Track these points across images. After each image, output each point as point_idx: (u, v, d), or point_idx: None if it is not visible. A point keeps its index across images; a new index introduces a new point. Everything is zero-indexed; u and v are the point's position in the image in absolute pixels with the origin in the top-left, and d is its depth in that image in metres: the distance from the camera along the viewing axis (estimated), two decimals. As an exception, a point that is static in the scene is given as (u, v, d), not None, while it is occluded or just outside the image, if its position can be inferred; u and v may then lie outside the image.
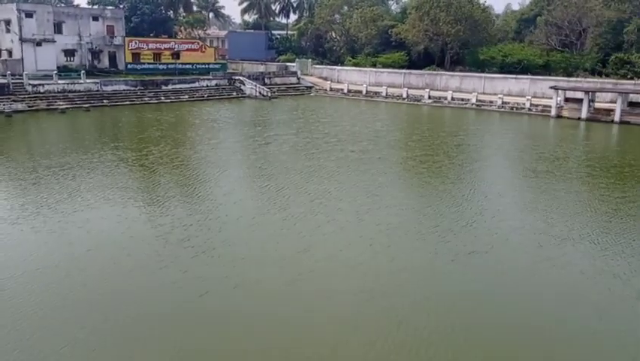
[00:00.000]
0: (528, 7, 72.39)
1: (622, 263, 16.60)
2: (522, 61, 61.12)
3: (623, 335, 12.86)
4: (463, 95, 58.81)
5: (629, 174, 28.45)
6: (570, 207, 22.47)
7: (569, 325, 13.35)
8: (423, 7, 66.35)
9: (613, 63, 56.43)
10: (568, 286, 15.37)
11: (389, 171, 27.99)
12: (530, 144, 37.34)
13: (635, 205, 22.63)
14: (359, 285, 15.15)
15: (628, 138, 41.30)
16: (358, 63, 72.06)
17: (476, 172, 28.76)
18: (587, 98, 49.92)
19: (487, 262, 16.88)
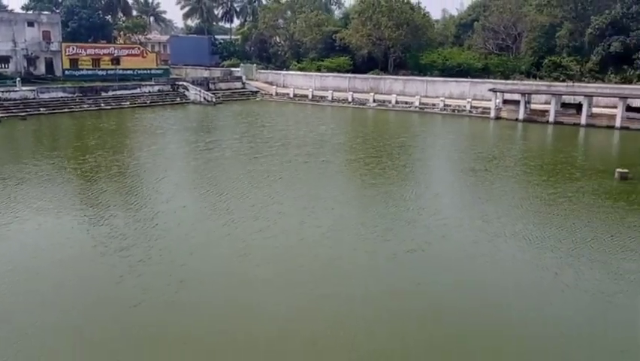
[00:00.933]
0: (466, 13, 74.59)
1: (551, 257, 17.25)
2: (462, 64, 62.84)
3: (551, 321, 13.35)
4: (407, 99, 59.89)
5: (559, 171, 29.63)
6: (505, 204, 23.23)
7: (502, 314, 13.77)
8: (365, 12, 67.28)
9: (547, 66, 58.77)
10: (501, 279, 15.90)
11: (333, 174, 28.17)
12: (470, 145, 38.42)
13: (564, 201, 23.59)
14: (299, 288, 15.16)
15: (561, 137, 43.08)
16: (303, 68, 72.30)
17: (417, 173, 29.35)
18: (524, 100, 51.79)
19: (424, 259, 17.24)
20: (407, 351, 12.29)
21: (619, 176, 27.09)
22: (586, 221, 20.75)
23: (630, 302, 14.33)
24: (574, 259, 17.06)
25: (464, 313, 13.81)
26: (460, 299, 14.57)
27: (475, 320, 13.53)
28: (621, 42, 52.64)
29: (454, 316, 13.71)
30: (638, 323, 13.29)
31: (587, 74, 56.69)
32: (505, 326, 13.35)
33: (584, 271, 16.17)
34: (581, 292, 14.89)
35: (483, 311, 13.93)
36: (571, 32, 58.66)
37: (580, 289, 15.07)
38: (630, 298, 14.59)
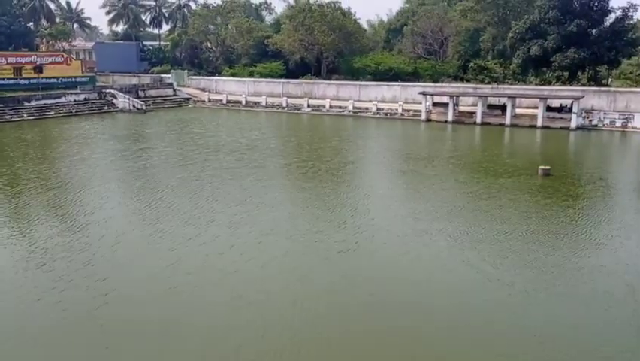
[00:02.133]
0: (395, 18, 76.34)
1: (475, 251, 17.74)
2: (393, 69, 64.14)
3: (474, 312, 13.70)
4: (341, 103, 60.46)
5: (486, 170, 30.66)
6: (434, 202, 23.73)
7: (428, 307, 13.98)
8: (297, 17, 67.55)
9: (472, 69, 60.95)
10: (428, 274, 16.19)
11: (265, 179, 27.89)
12: (401, 147, 39.19)
13: (490, 197, 24.40)
14: (230, 293, 14.84)
15: (487, 137, 44.71)
16: (236, 73, 71.65)
17: (350, 175, 29.56)
18: (452, 103, 53.42)
19: (355, 259, 17.31)
20: (339, 349, 12.24)
21: (542, 173, 28.31)
22: (510, 217, 21.48)
23: (547, 294, 14.86)
24: (496, 253, 17.61)
25: (393, 308, 13.93)
26: (389, 295, 14.73)
27: (404, 313, 13.67)
28: (540, 46, 55.31)
29: (383, 311, 13.83)
30: (555, 313, 13.81)
31: (510, 77, 59.26)
32: (431, 318, 13.55)
33: (505, 264, 16.68)
34: (503, 285, 15.34)
35: (411, 305, 14.10)
36: (494, 37, 61.19)
37: (501, 282, 15.52)
38: (548, 289, 15.14)
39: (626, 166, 34.66)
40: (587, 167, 32.76)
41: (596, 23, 55.55)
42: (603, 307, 13.96)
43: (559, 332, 12.84)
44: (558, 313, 13.73)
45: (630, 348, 12.14)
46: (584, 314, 13.71)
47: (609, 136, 45.68)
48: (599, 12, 55.30)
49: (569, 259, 17.13)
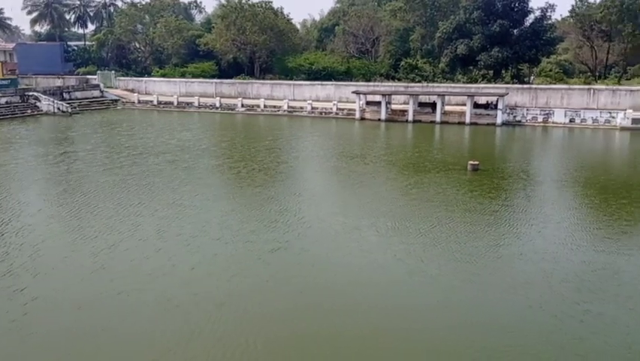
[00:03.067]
0: (327, 18, 76.84)
1: (403, 245, 18.09)
2: (326, 68, 64.50)
3: (403, 306, 13.92)
4: (275, 103, 60.24)
5: (418, 166, 31.36)
6: (365, 198, 24.03)
7: (355, 303, 14.06)
8: (228, 16, 66.71)
9: (403, 68, 62.21)
10: (356, 270, 16.31)
11: (195, 180, 27.33)
12: (335, 145, 39.45)
13: (421, 192, 24.98)
14: (156, 298, 14.41)
15: (419, 134, 45.77)
16: (166, 74, 69.92)
17: (283, 174, 29.43)
18: (385, 101, 54.35)
19: (285, 258, 17.24)
20: (266, 350, 12.11)
21: (471, 168, 29.24)
22: (438, 211, 22.01)
23: (470, 284, 15.31)
24: (423, 246, 17.98)
25: (323, 306, 13.95)
26: (320, 292, 14.75)
27: (334, 311, 13.70)
28: (466, 45, 57.18)
29: (313, 309, 13.83)
30: (477, 301, 14.24)
31: (439, 75, 60.90)
32: (361, 315, 13.65)
33: (431, 257, 17.06)
34: (429, 277, 15.68)
35: (341, 302, 14.16)
36: (422, 36, 62.72)
37: (427, 274, 15.86)
38: (471, 279, 15.61)
39: (547, 159, 36.38)
40: (512, 161, 34.12)
41: (517, 23, 58.05)
42: (521, 294, 14.51)
43: (482, 320, 13.26)
44: (480, 302, 14.17)
45: (545, 330, 12.68)
46: (503, 301, 14.20)
47: (532, 131, 47.83)
48: (520, 13, 57.81)
49: (491, 249, 17.75)
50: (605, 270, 15.87)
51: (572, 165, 32.69)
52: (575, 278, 15.33)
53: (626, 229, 19.97)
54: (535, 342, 12.16)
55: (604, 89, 53.52)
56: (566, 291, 14.57)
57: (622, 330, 12.55)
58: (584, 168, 31.78)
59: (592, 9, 58.88)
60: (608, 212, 22.33)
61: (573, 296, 14.28)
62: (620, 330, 12.55)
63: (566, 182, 28.08)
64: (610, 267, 16.09)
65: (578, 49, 64.67)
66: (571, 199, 25.00)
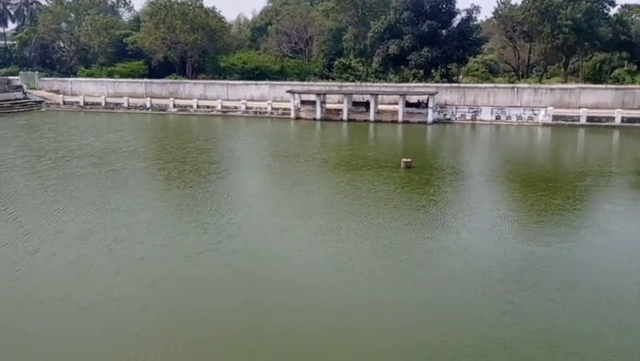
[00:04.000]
0: (259, 17, 76.43)
1: (334, 243, 18.09)
2: (260, 67, 64.15)
3: (333, 305, 13.89)
4: (209, 103, 59.27)
5: (352, 164, 31.52)
6: (296, 198, 23.94)
7: (285, 303, 13.91)
8: (158, 14, 65.07)
9: (337, 68, 62.77)
10: (287, 270, 16.15)
11: (121, 183, 26.34)
12: (270, 145, 39.20)
13: (355, 190, 25.10)
14: (76, 306, 13.72)
15: (354, 133, 46.21)
16: (93, 74, 67.39)
17: (214, 175, 28.86)
18: (319, 101, 54.58)
19: (214, 260, 16.85)
20: (186, 354, 11.77)
21: (404, 165, 29.73)
22: (370, 209, 22.11)
23: (398, 278, 15.48)
24: (354, 244, 18.03)
25: (251, 307, 13.71)
26: (248, 294, 14.48)
27: (261, 312, 13.49)
28: (397, 45, 58.36)
29: (240, 310, 13.56)
30: (406, 298, 14.41)
31: (372, 75, 61.90)
32: (290, 315, 13.51)
33: (361, 255, 17.07)
34: (359, 275, 15.71)
35: (270, 303, 13.97)
36: (355, 36, 63.52)
37: (357, 272, 15.88)
38: (399, 275, 15.78)
39: (475, 155, 37.62)
40: (443, 158, 35.04)
41: (445, 24, 59.85)
42: (447, 287, 14.81)
43: (410, 315, 13.43)
44: (408, 297, 14.35)
45: (469, 322, 13.00)
46: (430, 295, 14.44)
47: (461, 128, 49.37)
48: (447, 14, 59.64)
49: (419, 244, 18.04)
50: (526, 260, 16.44)
51: (497, 161, 33.94)
52: (498, 270, 15.79)
53: (545, 219, 20.86)
54: (461, 334, 12.41)
55: (527, 88, 56.04)
56: (490, 282, 15.00)
57: (542, 319, 13.02)
58: (508, 162, 33.05)
59: (514, 11, 61.55)
60: (529, 204, 23.28)
61: (496, 288, 14.71)
62: (540, 319, 13.01)
63: (492, 176, 29.10)
64: (530, 257, 16.71)
65: (502, 49, 67.49)
66: (496, 193, 25.92)
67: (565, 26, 56.44)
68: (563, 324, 12.77)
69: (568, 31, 56.62)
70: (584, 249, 17.93)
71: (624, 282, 15.01)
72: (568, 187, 25.91)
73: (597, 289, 14.52)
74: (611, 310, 13.35)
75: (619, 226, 19.91)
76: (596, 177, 28.06)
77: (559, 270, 15.79)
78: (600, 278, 15.24)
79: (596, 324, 12.83)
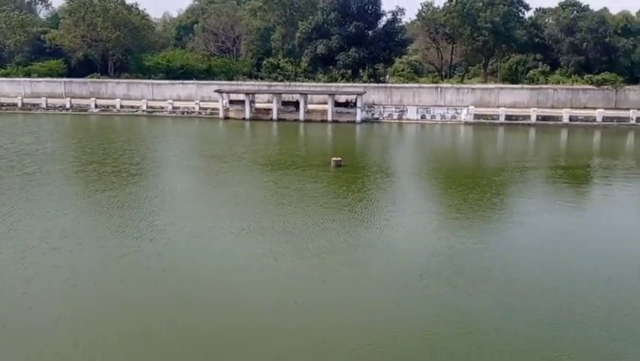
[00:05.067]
0: (185, 15, 74.88)
1: (260, 241, 17.96)
2: (185, 66, 62.82)
3: (262, 305, 13.78)
4: (133, 103, 57.45)
5: (283, 163, 31.35)
6: (223, 199, 23.62)
7: (211, 303, 13.67)
8: (77, 12, 62.38)
9: (266, 67, 62.49)
10: (209, 269, 15.94)
11: (36, 187, 24.98)
12: (197, 145, 38.56)
13: (280, 190, 25.04)
14: None
15: (284, 132, 46.16)
16: (8, 73, 63.69)
17: (137, 177, 27.95)
18: (248, 100, 54.12)
19: (137, 262, 16.37)
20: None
21: (334, 164, 29.96)
22: (299, 207, 22.11)
23: (320, 280, 15.46)
24: (281, 243, 17.90)
25: (176, 308, 13.38)
26: (168, 294, 14.14)
27: (186, 311, 13.20)
28: (325, 45, 58.83)
29: (163, 313, 13.22)
30: (327, 296, 14.47)
31: (301, 74, 62.05)
32: (216, 315, 13.27)
33: (287, 254, 16.99)
34: (280, 273, 15.66)
35: (195, 304, 13.70)
36: (283, 36, 63.49)
37: (283, 272, 15.79)
38: (325, 273, 15.85)
39: (402, 154, 38.57)
40: (371, 156, 35.68)
41: (371, 25, 60.92)
42: (368, 284, 14.98)
43: (331, 313, 13.52)
44: (330, 296, 14.42)
45: (385, 316, 13.29)
46: (352, 293, 14.50)
47: (388, 127, 50.44)
48: (373, 15, 60.76)
49: (344, 243, 18.10)
50: (445, 255, 16.87)
51: (423, 159, 34.92)
52: (418, 266, 16.03)
53: (464, 215, 21.65)
54: (382, 330, 12.63)
55: (449, 88, 58.07)
56: (410, 279, 15.26)
57: (460, 312, 13.44)
58: (433, 160, 34.10)
59: (436, 13, 63.54)
60: (451, 200, 24.13)
61: (417, 284, 15.01)
62: (458, 312, 13.42)
63: (417, 174, 29.94)
64: (449, 252, 17.21)
65: (426, 50, 69.53)
66: (420, 190, 26.65)
67: (484, 29, 58.89)
68: (479, 315, 13.26)
69: (487, 34, 59.12)
70: (499, 242, 18.72)
71: (533, 273, 15.72)
72: (486, 182, 27.03)
73: (510, 281, 15.12)
74: (522, 302, 13.89)
75: (531, 219, 20.94)
76: (512, 173, 29.46)
77: (475, 264, 16.33)
78: (512, 270, 15.88)
79: (509, 314, 13.35)
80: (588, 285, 14.98)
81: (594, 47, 58.64)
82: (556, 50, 62.37)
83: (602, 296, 14.22)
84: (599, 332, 12.50)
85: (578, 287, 14.83)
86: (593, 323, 12.87)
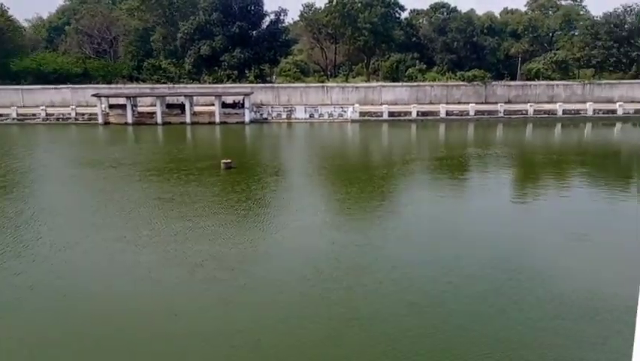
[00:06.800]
0: (56, 16, 70.12)
1: (147, 251, 17.30)
2: (58, 70, 58.85)
3: (132, 315, 13.25)
4: (2, 111, 52.80)
5: (172, 169, 30.23)
6: (95, 207, 22.31)
7: (104, 315, 12.90)
8: None
9: (147, 69, 60.18)
10: (82, 279, 15.19)
11: None
12: (73, 153, 36.27)
13: (170, 197, 24.12)
14: None
15: (170, 136, 44.65)
16: None
17: (1, 190, 25.68)
18: (130, 104, 51.80)
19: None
20: None
21: (224, 166, 29.46)
22: (191, 213, 21.32)
23: (201, 290, 14.90)
24: (157, 254, 17.18)
25: (65, 319, 12.49)
26: (61, 307, 13.19)
27: (75, 322, 12.39)
28: (209, 46, 57.81)
29: (50, 323, 12.29)
30: (222, 305, 14.10)
31: (186, 76, 60.51)
32: (109, 326, 12.54)
33: (163, 264, 16.36)
34: (170, 284, 15.12)
35: (85, 314, 12.85)
36: (164, 36, 61.47)
37: (169, 281, 15.23)
38: (200, 286, 15.25)
39: (293, 153, 38.89)
40: (262, 156, 35.61)
41: (254, 26, 60.82)
42: (253, 293, 14.65)
43: (210, 323, 13.25)
44: (211, 306, 13.98)
45: (274, 322, 13.24)
46: (234, 301, 14.18)
47: (278, 127, 50.66)
48: (256, 15, 60.68)
49: (231, 245, 17.78)
50: (335, 254, 16.92)
51: (313, 157, 35.37)
52: (309, 270, 15.84)
53: (352, 212, 22.27)
54: (261, 330, 12.59)
55: (335, 87, 59.52)
56: (303, 283, 15.10)
57: (343, 307, 13.72)
58: (323, 158, 34.67)
59: (318, 14, 64.83)
60: (341, 196, 24.73)
61: (301, 283, 15.03)
62: (342, 307, 13.68)
63: (307, 172, 30.31)
64: (332, 248, 17.40)
65: (311, 50, 70.72)
66: (310, 188, 26.95)
67: (364, 29, 61.03)
68: (365, 310, 13.55)
69: (367, 34, 61.31)
70: (382, 234, 19.10)
71: (414, 266, 16.07)
72: (372, 177, 28.02)
73: (392, 273, 15.41)
74: (406, 296, 14.16)
75: (411, 209, 21.90)
76: (397, 166, 30.82)
77: (358, 259, 16.56)
78: (397, 262, 16.15)
79: (393, 307, 13.62)
80: (454, 275, 15.73)
81: (464, 45, 62.90)
82: (431, 49, 66.11)
83: (474, 289, 15.06)
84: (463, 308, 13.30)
85: (451, 273, 15.48)
86: (456, 305, 13.66)
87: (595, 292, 13.79)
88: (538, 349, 11.47)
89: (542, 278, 14.74)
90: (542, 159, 33.68)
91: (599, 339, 11.76)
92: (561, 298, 13.57)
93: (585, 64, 63.60)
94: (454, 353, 11.44)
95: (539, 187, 26.63)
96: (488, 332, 12.19)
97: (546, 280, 14.63)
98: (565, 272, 15.13)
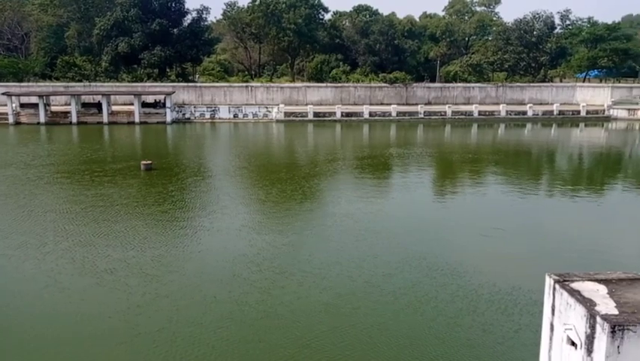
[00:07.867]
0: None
1: (43, 262, 16.38)
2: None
3: (36, 317, 12.59)
4: None
5: (89, 170, 29.02)
6: (14, 215, 21.06)
7: None
8: None
9: (61, 66, 57.34)
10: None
11: None
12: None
13: (85, 201, 23.09)
14: None
15: (86, 137, 42.75)
16: None
17: None
18: (43, 103, 49.30)
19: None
20: None
21: (144, 167, 28.54)
22: (108, 216, 20.43)
23: (112, 296, 14.49)
24: (64, 260, 16.35)
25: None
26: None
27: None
28: (127, 43, 55.81)
29: None
30: (142, 307, 13.66)
31: (102, 74, 58.15)
32: None
33: (71, 271, 15.58)
34: (78, 292, 14.45)
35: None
36: (79, 33, 58.79)
37: (71, 291, 14.53)
38: (113, 293, 14.90)
39: (217, 153, 38.25)
40: (185, 157, 34.73)
41: (175, 23, 59.39)
42: (174, 297, 14.36)
43: (118, 325, 12.85)
44: (139, 307, 13.60)
45: (225, 316, 13.02)
46: (149, 308, 13.80)
47: (201, 127, 49.76)
48: (177, 13, 59.29)
49: (144, 251, 17.21)
50: (260, 256, 16.75)
51: (237, 157, 34.89)
52: (238, 270, 15.65)
53: (278, 213, 22.20)
54: (195, 337, 12.33)
55: (260, 87, 59.21)
56: (227, 278, 15.06)
57: (258, 310, 13.68)
58: (247, 158, 34.31)
59: (241, 13, 64.27)
60: (261, 197, 24.56)
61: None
62: (256, 312, 13.64)
63: (229, 173, 29.89)
64: (252, 251, 17.19)
65: (235, 49, 70.00)
66: (232, 189, 26.52)
67: (288, 29, 61.09)
68: (281, 310, 13.48)
69: (291, 34, 61.42)
70: (302, 235, 19.06)
71: (332, 266, 16.14)
72: (297, 177, 28.03)
73: (310, 274, 15.42)
74: (323, 296, 14.29)
75: (331, 209, 22.04)
76: (321, 166, 31.03)
77: (279, 261, 16.44)
78: (315, 263, 16.15)
79: (311, 308, 13.63)
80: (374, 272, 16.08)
81: (386, 48, 64.44)
82: (354, 51, 67.25)
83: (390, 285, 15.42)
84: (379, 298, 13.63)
85: (369, 272, 15.75)
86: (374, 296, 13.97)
87: (504, 287, 14.50)
88: (454, 344, 11.89)
89: (456, 274, 15.33)
90: (460, 158, 35.08)
91: (509, 333, 12.36)
92: (474, 293, 14.16)
93: (498, 67, 66.97)
94: (372, 349, 11.66)
95: (456, 185, 27.74)
96: (405, 329, 12.51)
97: (459, 276, 15.22)
98: (477, 268, 15.79)
